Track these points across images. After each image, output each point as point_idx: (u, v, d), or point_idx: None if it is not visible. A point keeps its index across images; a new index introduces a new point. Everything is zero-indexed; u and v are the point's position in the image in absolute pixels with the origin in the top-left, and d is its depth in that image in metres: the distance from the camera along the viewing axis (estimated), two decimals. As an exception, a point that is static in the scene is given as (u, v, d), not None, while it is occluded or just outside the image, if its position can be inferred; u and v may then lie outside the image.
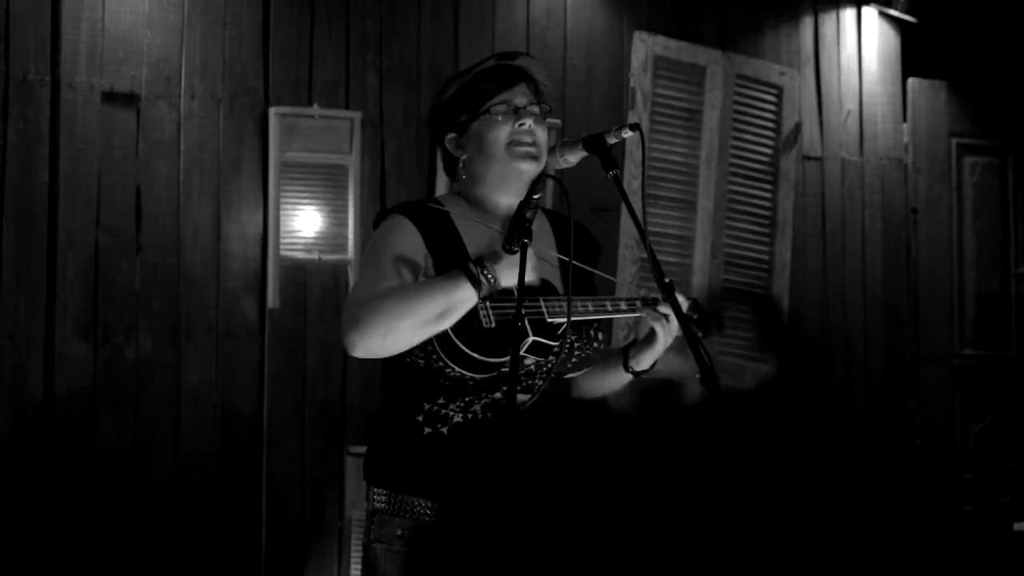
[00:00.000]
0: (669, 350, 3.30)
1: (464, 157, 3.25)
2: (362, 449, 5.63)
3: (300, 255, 5.97)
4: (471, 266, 2.99)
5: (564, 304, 3.06)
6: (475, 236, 3.18)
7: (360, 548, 5.52)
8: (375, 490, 3.19)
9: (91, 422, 5.69)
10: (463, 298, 2.97)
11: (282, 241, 5.93)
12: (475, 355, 3.00)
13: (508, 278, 2.99)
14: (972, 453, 7.56)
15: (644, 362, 3.28)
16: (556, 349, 3.08)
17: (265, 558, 5.93)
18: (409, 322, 2.95)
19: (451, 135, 3.28)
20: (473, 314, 3.01)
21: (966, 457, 7.55)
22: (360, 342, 2.99)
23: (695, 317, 3.22)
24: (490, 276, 2.99)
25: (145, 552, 5.74)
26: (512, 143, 3.18)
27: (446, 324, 2.98)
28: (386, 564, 3.13)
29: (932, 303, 7.57)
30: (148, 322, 5.81)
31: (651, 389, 6.53)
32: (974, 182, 7.71)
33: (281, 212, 5.93)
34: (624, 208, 3.43)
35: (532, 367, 3.11)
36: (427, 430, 3.10)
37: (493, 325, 3.01)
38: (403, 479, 3.12)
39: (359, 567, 5.58)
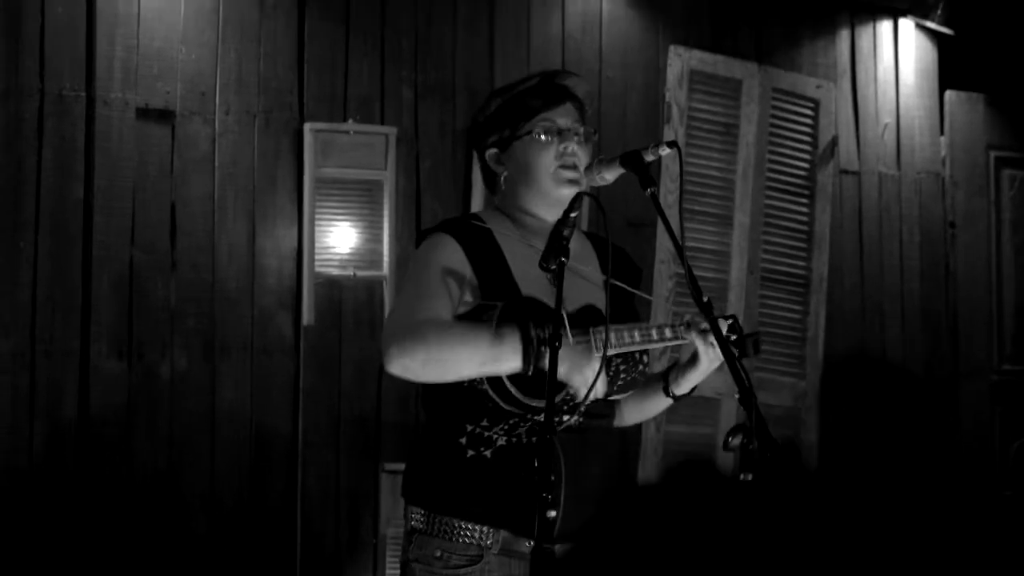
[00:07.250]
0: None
1: (505, 174, 3.24)
2: (397, 466, 5.62)
3: (335, 271, 5.95)
4: (530, 329, 2.93)
5: (611, 335, 3.01)
6: (517, 254, 3.16)
7: (394, 566, 5.52)
8: (413, 509, 3.16)
9: (125, 439, 5.69)
10: (508, 359, 2.94)
11: (317, 257, 5.92)
12: (520, 396, 2.97)
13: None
14: (1011, 469, 7.49)
15: (685, 386, 3.22)
16: (600, 374, 3.05)
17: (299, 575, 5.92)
18: (450, 362, 2.94)
19: (493, 150, 3.26)
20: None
21: (1005, 473, 7.48)
22: (398, 360, 2.98)
23: (733, 338, 3.16)
24: (542, 349, 2.91)
25: (180, 570, 5.73)
26: (557, 168, 3.17)
27: (486, 373, 2.96)
28: (424, 584, 3.12)
29: (970, 318, 7.50)
30: (183, 339, 5.81)
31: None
32: (1012, 195, 7.65)
33: (316, 228, 5.91)
34: (660, 223, 3.41)
35: (576, 391, 3.07)
36: (470, 452, 3.07)
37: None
38: (444, 500, 3.10)
39: (394, 585, 5.57)
